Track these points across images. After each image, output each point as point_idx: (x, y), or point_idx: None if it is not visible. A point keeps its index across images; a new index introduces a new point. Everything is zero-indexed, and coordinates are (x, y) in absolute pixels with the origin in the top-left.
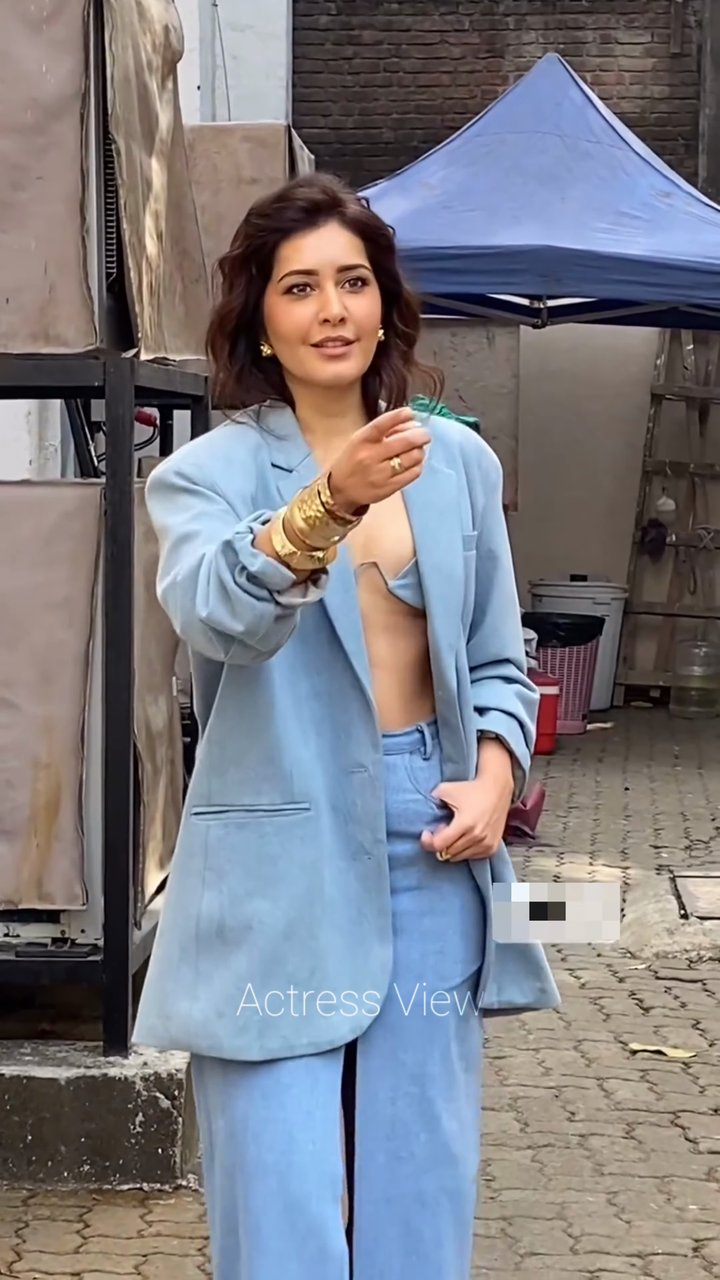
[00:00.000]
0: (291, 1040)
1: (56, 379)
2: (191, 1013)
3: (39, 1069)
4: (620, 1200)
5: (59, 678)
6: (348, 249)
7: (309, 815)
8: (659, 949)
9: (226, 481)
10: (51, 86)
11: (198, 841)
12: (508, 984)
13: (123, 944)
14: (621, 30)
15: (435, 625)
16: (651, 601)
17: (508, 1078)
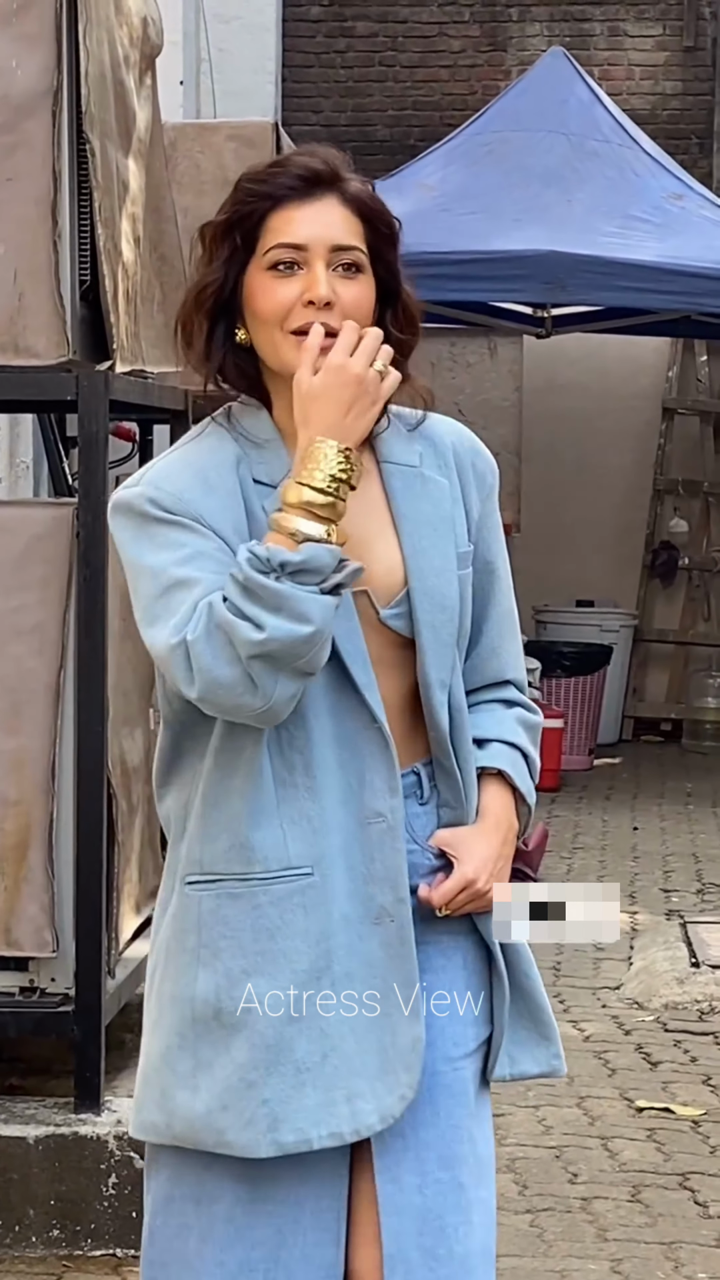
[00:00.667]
0: (308, 1133)
1: (27, 393)
2: (194, 1106)
3: (6, 1127)
4: (625, 1268)
5: (28, 709)
6: (344, 228)
7: (310, 881)
8: (668, 999)
9: (211, 513)
10: (21, 83)
11: (191, 915)
12: (520, 1054)
13: (95, 994)
14: (631, 22)
15: (425, 659)
16: (663, 629)
17: (506, 1137)
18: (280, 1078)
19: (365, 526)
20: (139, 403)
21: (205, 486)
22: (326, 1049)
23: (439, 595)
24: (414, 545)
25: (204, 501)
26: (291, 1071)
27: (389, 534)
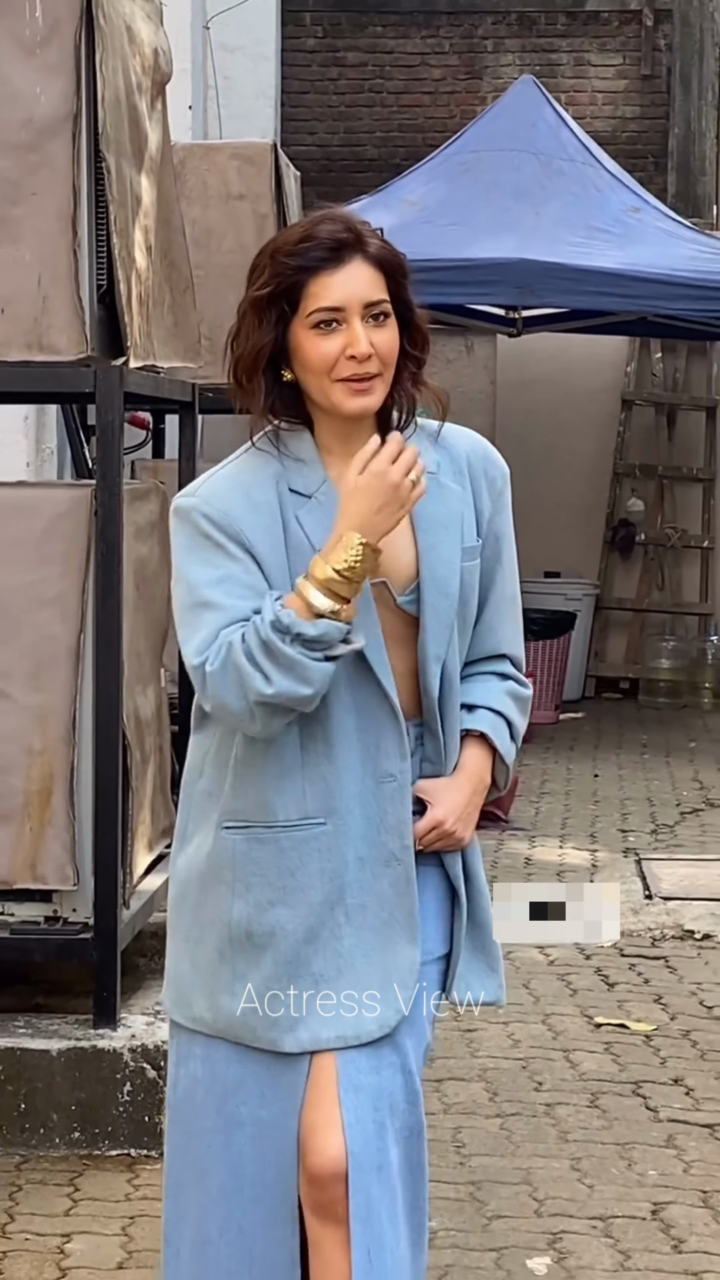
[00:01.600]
0: (320, 1035)
1: (50, 386)
2: (233, 1008)
3: (32, 1041)
4: (583, 1166)
5: (51, 670)
6: (371, 285)
7: (324, 829)
8: (624, 928)
9: (251, 529)
10: (45, 107)
11: (226, 854)
12: (475, 983)
13: (112, 922)
14: (594, 53)
15: (426, 637)
16: (621, 598)
17: (478, 1050)
18: (299, 988)
19: None
20: (151, 395)
21: (249, 504)
22: (341, 966)
23: (444, 584)
24: (427, 542)
25: (247, 518)
26: (310, 983)
27: (407, 531)
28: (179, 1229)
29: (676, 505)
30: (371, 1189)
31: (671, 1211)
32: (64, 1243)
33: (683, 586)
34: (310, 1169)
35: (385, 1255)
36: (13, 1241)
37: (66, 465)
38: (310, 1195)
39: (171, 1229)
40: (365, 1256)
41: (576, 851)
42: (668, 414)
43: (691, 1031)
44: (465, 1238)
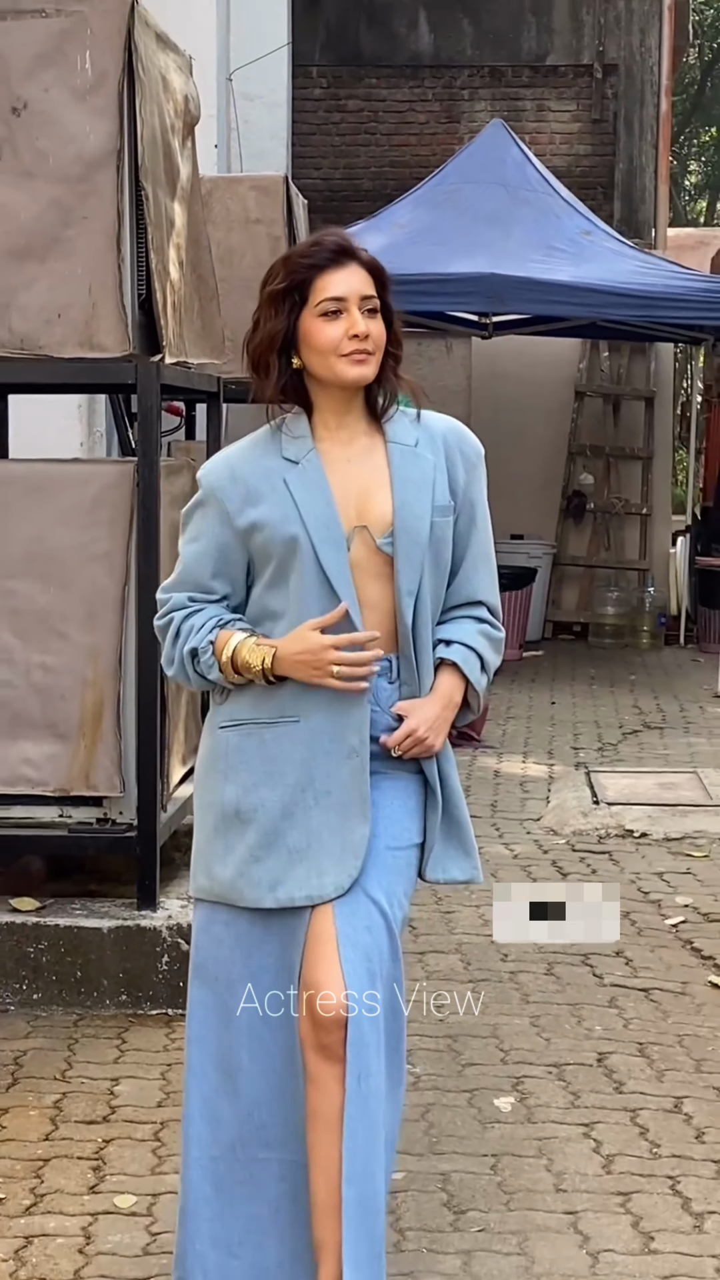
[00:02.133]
0: (294, 894)
1: (98, 378)
2: (224, 875)
3: (86, 920)
4: (541, 1023)
5: (101, 615)
6: (366, 283)
7: (297, 725)
8: (575, 828)
9: (227, 498)
10: (93, 144)
11: (220, 749)
12: (450, 864)
13: (152, 823)
14: (553, 101)
15: (399, 573)
16: (574, 556)
17: (455, 928)
18: (276, 857)
19: (371, 482)
20: (183, 386)
21: (230, 477)
22: (310, 839)
23: (414, 532)
24: (402, 498)
25: (225, 488)
26: (285, 853)
27: (387, 489)
28: (204, 1067)
29: (620, 479)
30: (364, 1026)
31: (613, 1060)
32: (113, 1085)
33: (625, 547)
34: (316, 1014)
35: (371, 1080)
36: (71, 1084)
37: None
38: (315, 1038)
39: (196, 1067)
40: (356, 1080)
41: (536, 765)
42: (613, 403)
43: (630, 913)
44: (443, 1081)
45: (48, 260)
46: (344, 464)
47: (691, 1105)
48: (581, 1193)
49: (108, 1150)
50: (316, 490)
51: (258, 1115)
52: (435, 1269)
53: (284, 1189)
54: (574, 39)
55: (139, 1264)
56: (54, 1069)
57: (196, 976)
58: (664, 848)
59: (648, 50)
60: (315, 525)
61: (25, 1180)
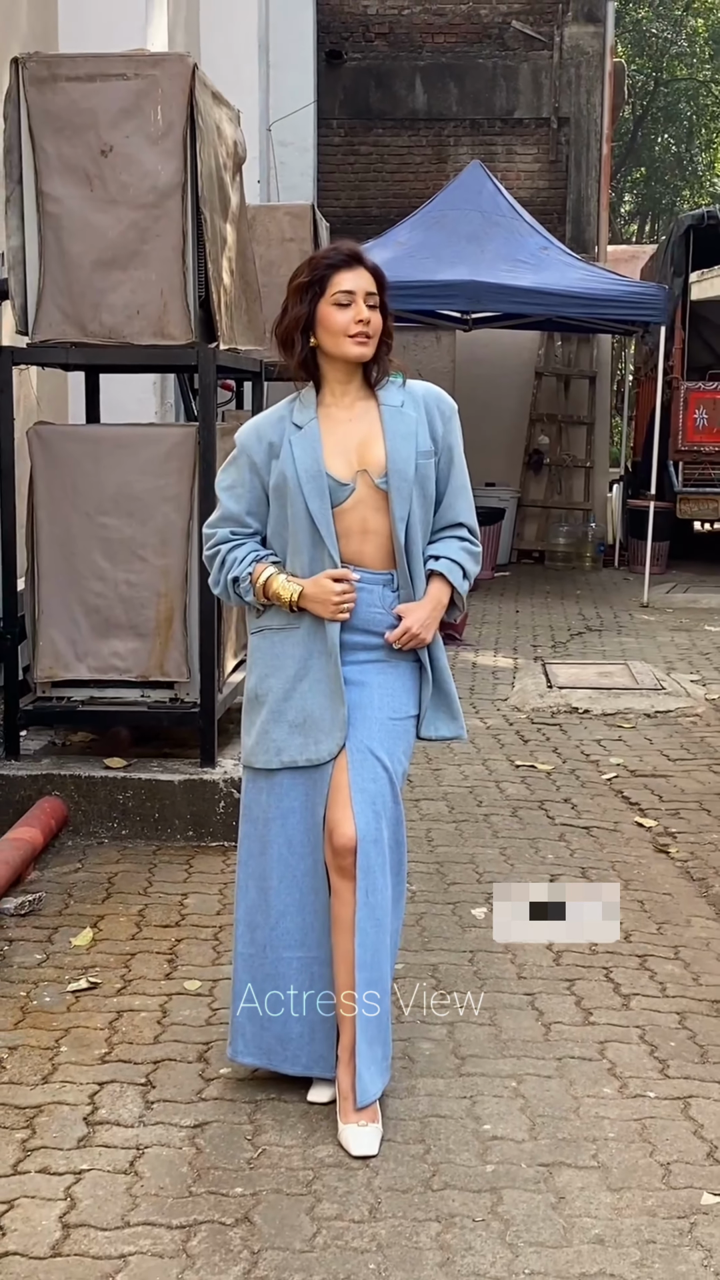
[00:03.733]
0: (296, 757)
1: (169, 361)
2: (248, 744)
3: (162, 775)
4: (507, 853)
5: (172, 542)
6: (369, 283)
7: (297, 630)
8: (534, 706)
9: (255, 452)
10: (163, 179)
11: (251, 647)
12: (439, 724)
13: (211, 702)
14: (519, 146)
15: (392, 505)
16: (534, 499)
17: (442, 780)
18: (280, 728)
19: (369, 435)
20: (233, 367)
21: (256, 437)
22: (306, 714)
23: (404, 473)
24: (393, 445)
25: (253, 445)
26: (286, 726)
27: (380, 440)
28: (246, 885)
29: (570, 440)
30: (370, 852)
31: (562, 879)
32: (183, 898)
33: (573, 492)
34: (335, 843)
35: (378, 895)
36: (150, 898)
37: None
38: (334, 861)
39: (241, 885)
40: (365, 894)
41: (504, 659)
42: (564, 381)
43: (576, 770)
44: (433, 896)
45: (129, 269)
46: (346, 423)
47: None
48: (537, 979)
49: (179, 947)
50: (310, 450)
51: (283, 923)
52: (427, 1036)
53: (302, 979)
54: (535, 98)
55: (203, 1032)
56: (138, 886)
57: (244, 816)
58: (601, 721)
59: (592, 107)
60: (305, 477)
61: (117, 969)
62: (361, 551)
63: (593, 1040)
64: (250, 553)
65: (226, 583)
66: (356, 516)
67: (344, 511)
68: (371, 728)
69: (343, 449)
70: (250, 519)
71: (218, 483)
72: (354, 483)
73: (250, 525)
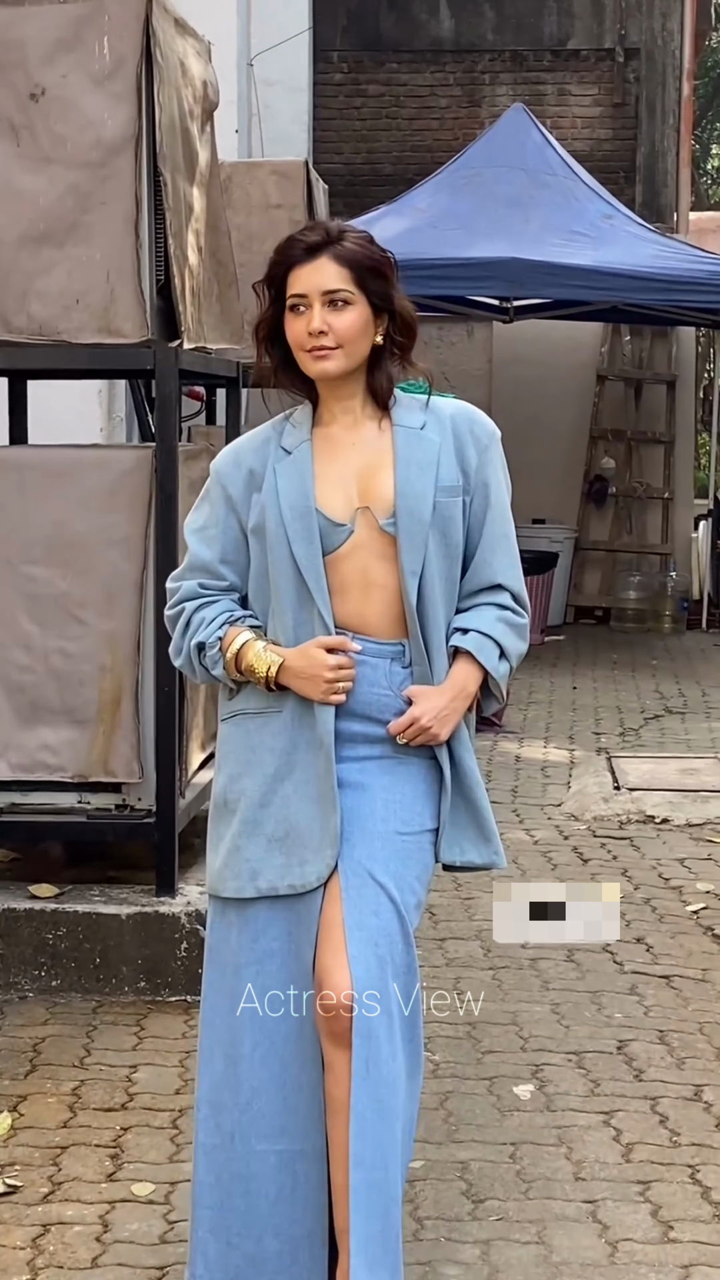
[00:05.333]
0: (276, 883)
1: (117, 364)
2: (213, 864)
3: (105, 907)
4: (561, 1010)
5: (120, 599)
6: (333, 277)
7: (278, 714)
8: (596, 814)
9: (231, 484)
10: (112, 130)
11: (219, 739)
12: (467, 847)
13: (171, 810)
14: (574, 85)
15: (402, 553)
16: (596, 540)
17: (474, 915)
18: (255, 844)
19: (375, 464)
20: (202, 371)
21: (235, 464)
22: (289, 826)
23: (416, 513)
24: (404, 477)
25: (230, 475)
26: (263, 841)
27: (389, 470)
28: (212, 1052)
29: (642, 463)
30: (371, 1011)
31: (633, 1048)
32: (131, 1072)
33: (647, 531)
34: (325, 1002)
35: (381, 1068)
36: (89, 1071)
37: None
38: (325, 1024)
39: (206, 1052)
40: (364, 1067)
41: (558, 750)
42: (635, 387)
43: (651, 899)
44: (463, 1069)
45: (66, 246)
46: (348, 448)
47: (712, 1093)
48: (601, 1181)
49: (126, 1138)
50: (298, 479)
51: (256, 1104)
52: (453, 1258)
53: (283, 1180)
54: (595, 23)
55: (156, 1252)
56: (72, 1055)
57: (209, 962)
58: (685, 833)
59: (669, 34)
60: (290, 514)
61: (43, 1168)
62: (363, 613)
63: (673, 1264)
64: (222, 613)
65: (190, 651)
66: (356, 567)
67: (339, 560)
68: (374, 845)
69: (340, 480)
70: (225, 569)
71: (186, 523)
72: (353, 523)
73: (224, 578)
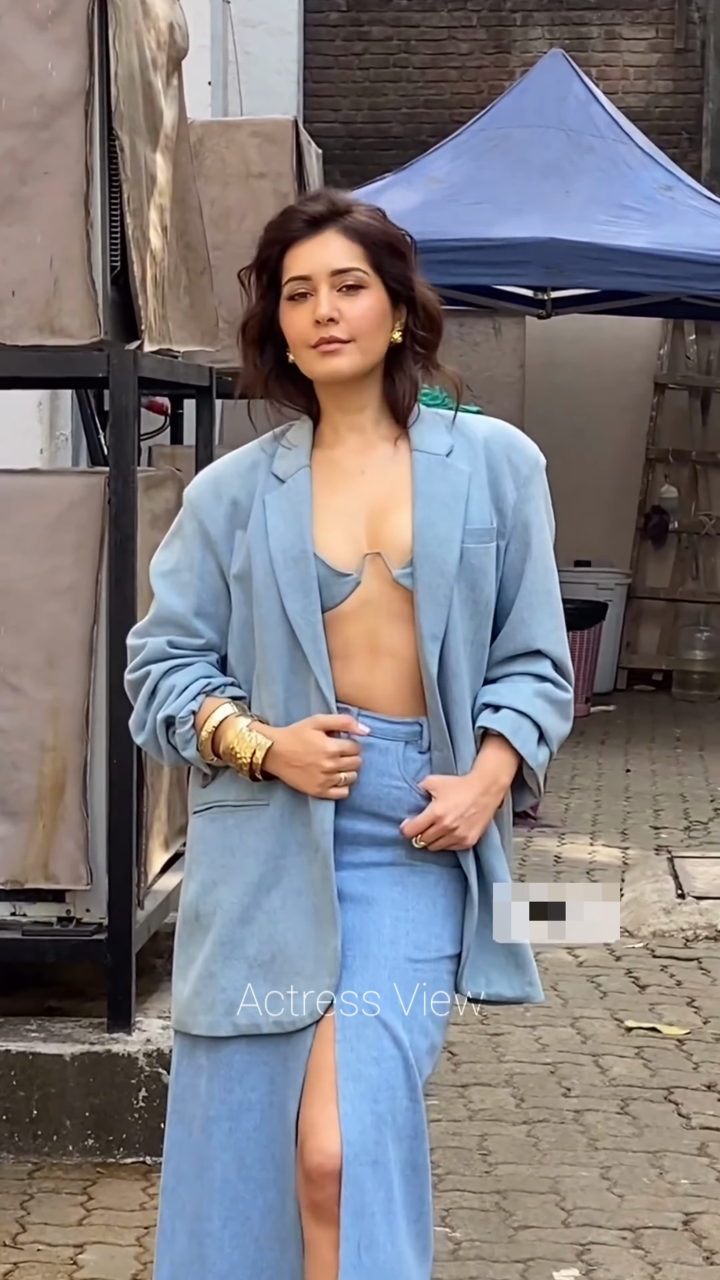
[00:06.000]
0: (258, 1019)
1: (62, 370)
2: (181, 994)
3: (44, 1045)
4: (613, 1175)
5: (64, 662)
6: (342, 254)
7: (264, 808)
8: (656, 928)
9: (211, 519)
10: (56, 83)
11: (190, 837)
12: (496, 977)
13: (126, 923)
14: (626, 26)
15: (420, 613)
16: (654, 587)
17: (505, 1054)
18: (235, 970)
19: (388, 499)
20: (167, 379)
21: (215, 494)
22: (275, 950)
23: (439, 561)
24: (425, 518)
25: (209, 507)
26: (245, 966)
27: (406, 508)
28: (174, 1227)
29: (711, 491)
30: (366, 1183)
31: (704, 1222)
32: (77, 1253)
33: (716, 575)
34: (307, 1167)
35: (378, 1254)
36: (24, 1252)
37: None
38: (306, 1194)
39: (167, 1227)
40: (355, 1252)
41: (607, 849)
42: (702, 397)
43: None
44: (490, 1249)
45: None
46: (356, 476)
47: None
48: None
49: None
50: (292, 517)
51: None
52: None
53: None
54: None
55: None
56: (3, 1232)
57: (174, 1115)
58: None
59: None
60: (281, 560)
61: None
62: (370, 685)
63: None
64: (197, 680)
65: (156, 726)
66: (362, 628)
67: (343, 618)
68: (379, 974)
69: (346, 517)
70: (200, 624)
71: (152, 565)
72: (360, 573)
73: (200, 634)
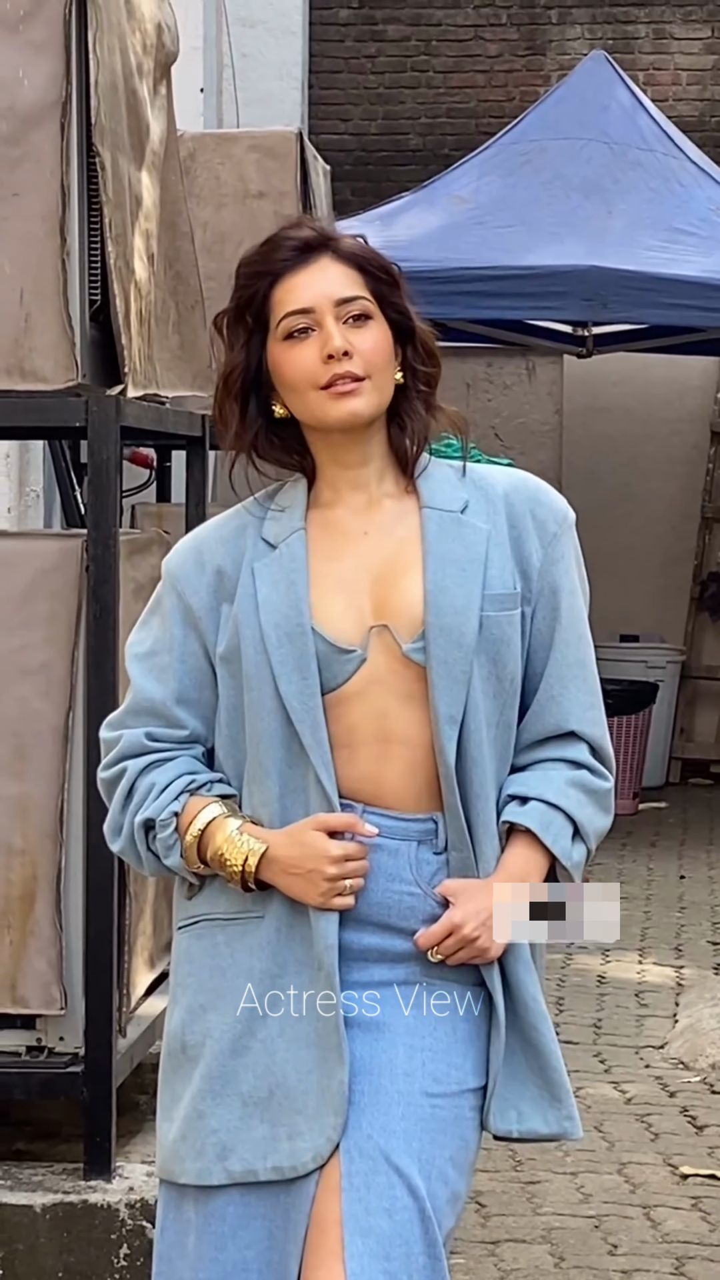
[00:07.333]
0: (254, 1164)
1: (33, 419)
2: (166, 1136)
3: (12, 1195)
4: None
5: (34, 753)
6: (344, 282)
7: (259, 922)
8: (715, 1059)
9: (194, 592)
10: (28, 93)
11: (175, 956)
12: (528, 1110)
13: (106, 1053)
14: (677, 24)
15: (435, 693)
16: (713, 665)
17: (542, 1205)
18: (227, 1108)
19: (395, 563)
20: (153, 429)
21: (197, 564)
22: (272, 1085)
23: (455, 633)
24: (437, 584)
25: (190, 579)
26: (238, 1103)
27: (416, 572)
28: None
29: None
30: None
31: None
32: None
33: None
34: None
35: None
36: None
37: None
38: None
39: None
40: None
41: (659, 968)
42: None
43: None
44: None
45: None
46: (358, 539)
47: None
48: None
49: None
50: (286, 587)
51: None
52: None
53: None
54: None
55: None
56: None
57: (159, 1275)
58: None
59: None
60: (275, 636)
61: None
62: (378, 778)
63: None
64: (180, 777)
65: (135, 831)
66: (369, 712)
67: (346, 702)
68: (391, 1112)
69: (347, 586)
70: (182, 713)
71: (128, 646)
72: (365, 648)
73: (182, 725)
